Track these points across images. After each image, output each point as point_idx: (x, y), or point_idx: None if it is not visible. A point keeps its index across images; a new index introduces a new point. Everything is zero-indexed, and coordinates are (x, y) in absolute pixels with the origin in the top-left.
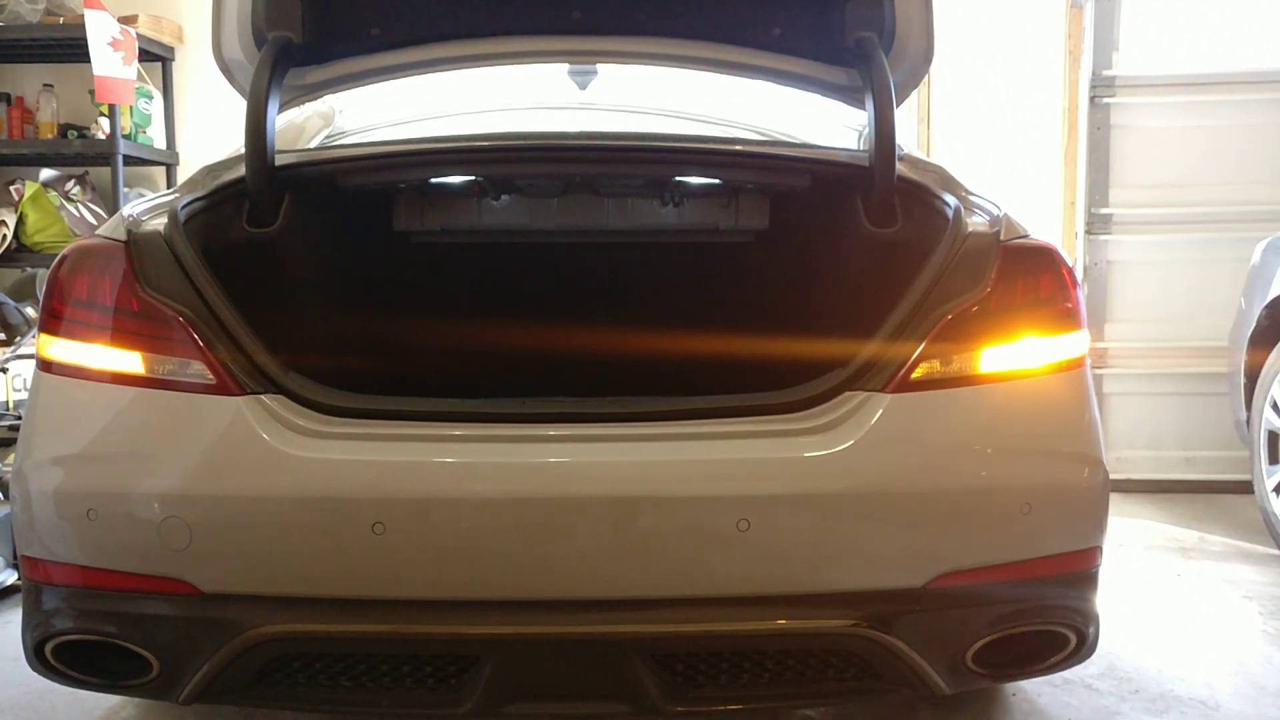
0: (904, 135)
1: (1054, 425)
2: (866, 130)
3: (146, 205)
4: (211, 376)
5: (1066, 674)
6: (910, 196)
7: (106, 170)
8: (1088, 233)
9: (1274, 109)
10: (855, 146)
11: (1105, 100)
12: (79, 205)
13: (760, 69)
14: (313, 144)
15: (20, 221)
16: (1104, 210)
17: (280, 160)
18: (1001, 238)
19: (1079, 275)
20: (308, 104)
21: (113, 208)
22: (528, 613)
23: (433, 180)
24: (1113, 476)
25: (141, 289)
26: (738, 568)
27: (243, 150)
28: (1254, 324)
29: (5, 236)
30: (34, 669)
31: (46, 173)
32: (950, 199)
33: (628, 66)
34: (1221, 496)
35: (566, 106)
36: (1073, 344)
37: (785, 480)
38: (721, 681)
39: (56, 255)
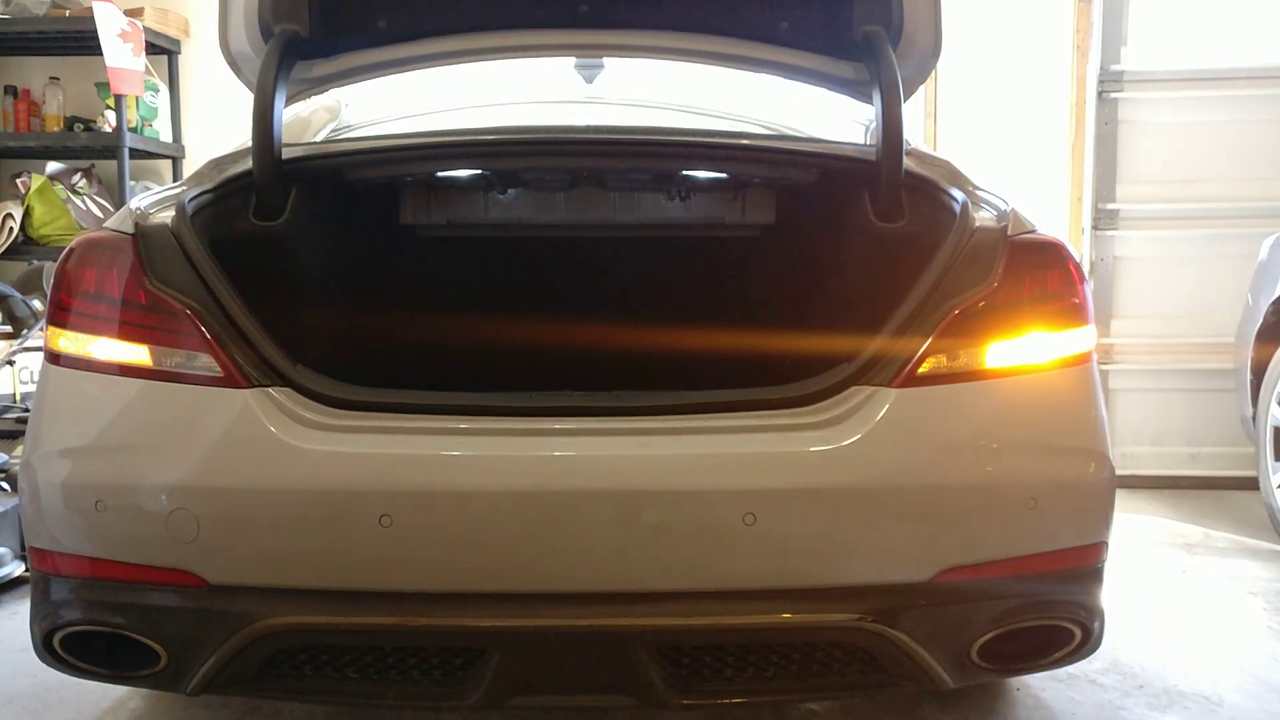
0: (911, 130)
1: (1060, 421)
2: (874, 125)
3: (154, 198)
4: (219, 369)
5: (1071, 669)
6: (917, 191)
7: (112, 163)
8: (1095, 228)
9: None
10: (863, 141)
11: (1113, 95)
12: (85, 198)
13: (767, 63)
14: (319, 137)
15: (27, 214)
16: (1111, 205)
17: (287, 154)
18: (1009, 233)
19: (1086, 271)
20: (314, 97)
21: (119, 201)
22: (534, 606)
23: (439, 174)
24: (1118, 472)
25: (149, 282)
26: (744, 561)
27: (249, 144)
28: (1261, 320)
29: (12, 229)
30: (42, 660)
31: (53, 165)
32: (957, 194)
33: (634, 60)
34: (1227, 492)
35: (573, 100)
36: (1079, 339)
37: (792, 474)
38: (727, 675)
39: (63, 248)
